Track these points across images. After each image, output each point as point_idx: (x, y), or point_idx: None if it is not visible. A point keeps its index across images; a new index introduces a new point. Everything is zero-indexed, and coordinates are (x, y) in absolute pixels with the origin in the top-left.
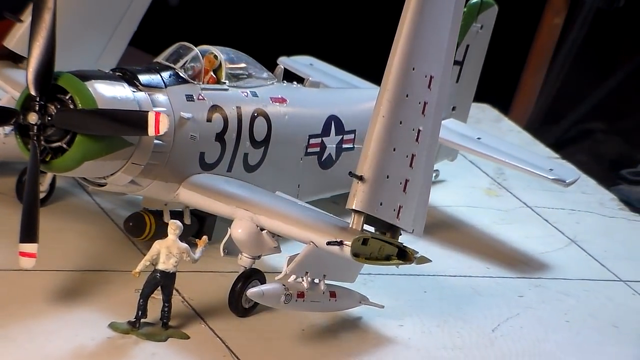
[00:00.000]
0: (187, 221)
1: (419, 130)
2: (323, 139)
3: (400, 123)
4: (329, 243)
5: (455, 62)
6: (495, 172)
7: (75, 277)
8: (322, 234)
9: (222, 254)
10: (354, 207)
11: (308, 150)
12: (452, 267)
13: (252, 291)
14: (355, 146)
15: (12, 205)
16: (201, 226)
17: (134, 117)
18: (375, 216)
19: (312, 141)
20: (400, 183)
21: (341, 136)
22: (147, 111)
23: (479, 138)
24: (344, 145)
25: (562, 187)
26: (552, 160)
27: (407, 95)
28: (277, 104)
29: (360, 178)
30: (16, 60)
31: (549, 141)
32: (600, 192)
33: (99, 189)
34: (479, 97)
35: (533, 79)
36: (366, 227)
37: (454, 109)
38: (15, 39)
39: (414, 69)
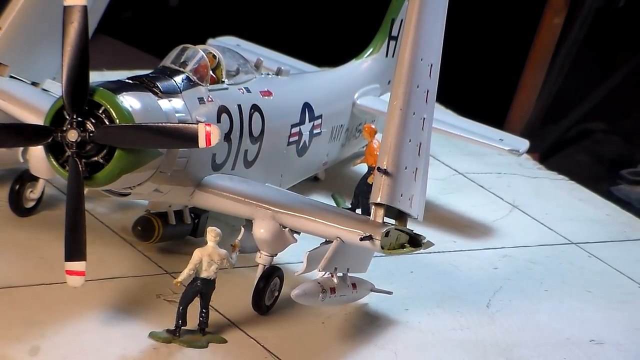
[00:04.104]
0: (188, 221)
1: (423, 119)
2: (300, 127)
3: (414, 114)
4: (362, 239)
5: (392, 38)
6: None
7: (94, 287)
8: (348, 229)
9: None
10: (379, 201)
11: (290, 140)
12: None
13: (296, 293)
14: (322, 130)
15: (7, 216)
16: (197, 224)
17: (186, 130)
18: (397, 207)
19: (293, 130)
20: (413, 172)
21: (312, 122)
22: (198, 123)
23: None
24: (315, 131)
25: (515, 156)
26: (496, 130)
27: (417, 86)
28: (266, 97)
29: (385, 172)
30: None
31: (549, 141)
32: None
33: (122, 198)
34: (479, 97)
35: (533, 79)
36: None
37: (389, 82)
38: None
39: (422, 60)
